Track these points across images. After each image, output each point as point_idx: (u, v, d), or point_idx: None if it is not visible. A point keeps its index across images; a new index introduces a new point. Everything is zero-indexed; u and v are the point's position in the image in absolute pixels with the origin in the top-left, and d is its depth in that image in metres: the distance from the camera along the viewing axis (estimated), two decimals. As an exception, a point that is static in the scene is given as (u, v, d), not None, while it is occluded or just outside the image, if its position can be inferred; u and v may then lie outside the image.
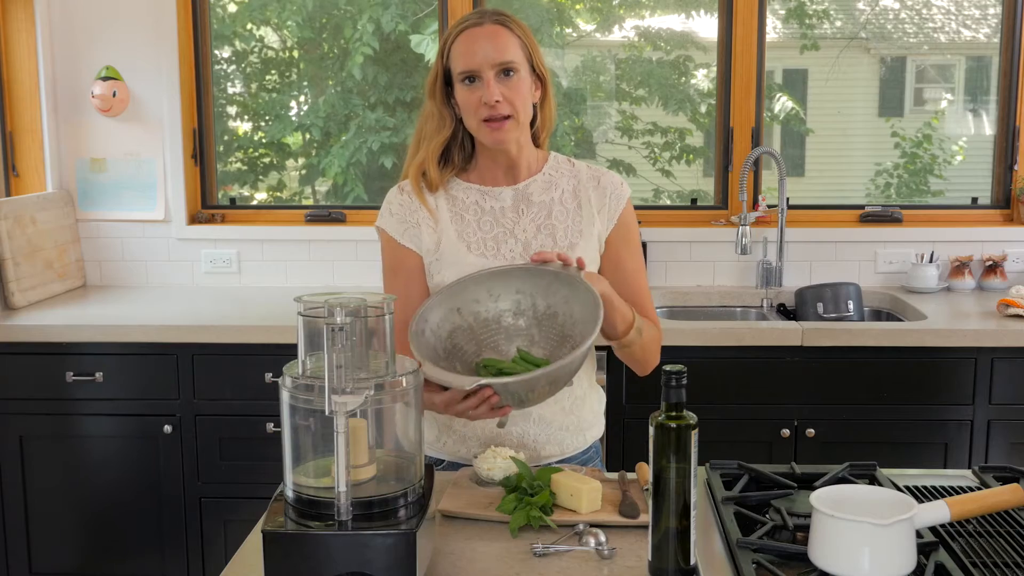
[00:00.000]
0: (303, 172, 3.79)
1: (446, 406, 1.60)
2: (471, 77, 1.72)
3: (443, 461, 1.84)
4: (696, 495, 1.29)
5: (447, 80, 1.77)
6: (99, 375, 2.84)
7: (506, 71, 1.71)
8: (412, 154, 1.84)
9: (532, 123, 1.82)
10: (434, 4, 3.50)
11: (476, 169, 1.84)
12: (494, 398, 1.54)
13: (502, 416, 1.59)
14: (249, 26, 3.65)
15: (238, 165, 3.73)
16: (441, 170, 1.81)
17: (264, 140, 3.71)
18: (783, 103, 3.62)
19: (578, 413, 1.85)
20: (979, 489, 1.56)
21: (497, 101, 1.70)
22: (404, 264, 1.81)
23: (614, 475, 1.67)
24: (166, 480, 2.89)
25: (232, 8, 3.65)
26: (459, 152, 1.83)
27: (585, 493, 1.49)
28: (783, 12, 3.56)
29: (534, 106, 1.80)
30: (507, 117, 1.72)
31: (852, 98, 3.62)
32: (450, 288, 1.71)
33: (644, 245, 3.32)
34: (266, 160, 3.75)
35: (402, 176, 1.86)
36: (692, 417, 1.28)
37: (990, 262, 3.28)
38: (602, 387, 2.10)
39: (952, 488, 1.58)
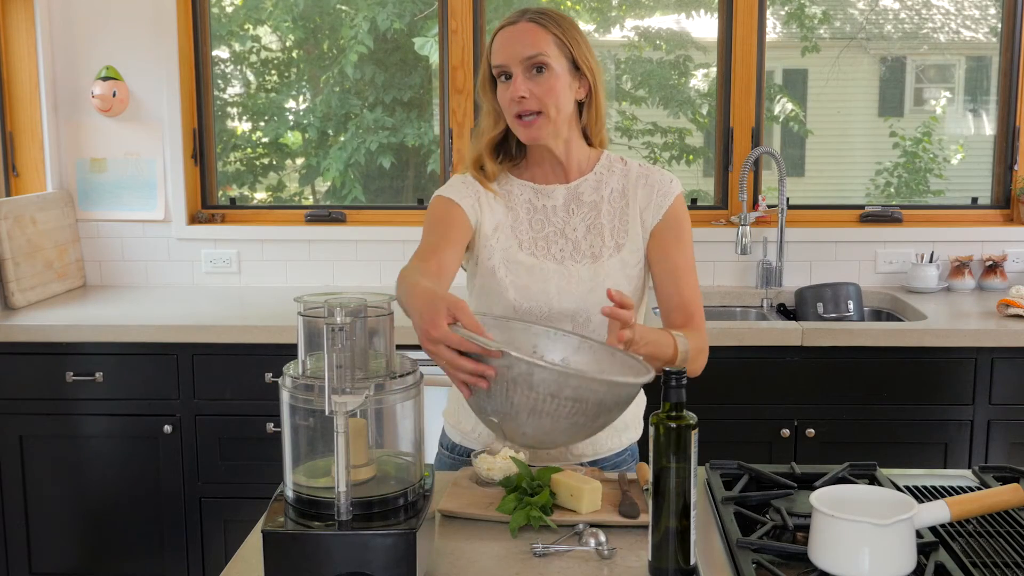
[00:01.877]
0: (302, 172, 3.79)
1: (426, 321, 1.37)
2: (504, 74, 1.73)
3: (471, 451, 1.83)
4: (696, 495, 1.29)
5: (492, 76, 1.78)
6: (99, 375, 2.84)
7: (537, 67, 1.71)
8: (470, 150, 1.87)
9: (581, 119, 1.82)
10: (434, 4, 3.50)
11: (528, 166, 1.85)
12: (489, 372, 1.32)
13: (480, 386, 1.34)
14: (247, 26, 3.65)
15: (237, 165, 3.74)
16: (498, 163, 1.83)
17: (263, 140, 3.71)
18: (783, 105, 3.62)
19: None
20: (979, 489, 1.56)
21: (523, 97, 1.70)
22: (451, 213, 1.76)
23: (614, 475, 1.67)
24: (166, 480, 2.89)
25: (230, 9, 3.65)
26: (516, 147, 1.84)
27: (585, 493, 1.49)
28: (783, 13, 3.56)
29: (580, 104, 1.78)
30: (538, 113, 1.72)
31: (852, 98, 3.62)
32: (496, 321, 1.62)
33: (644, 245, 3.32)
34: (265, 160, 3.75)
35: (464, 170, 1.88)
36: (692, 417, 1.28)
37: (990, 262, 3.28)
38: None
39: (952, 488, 1.58)
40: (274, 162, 3.76)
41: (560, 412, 1.20)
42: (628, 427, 1.89)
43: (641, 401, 1.94)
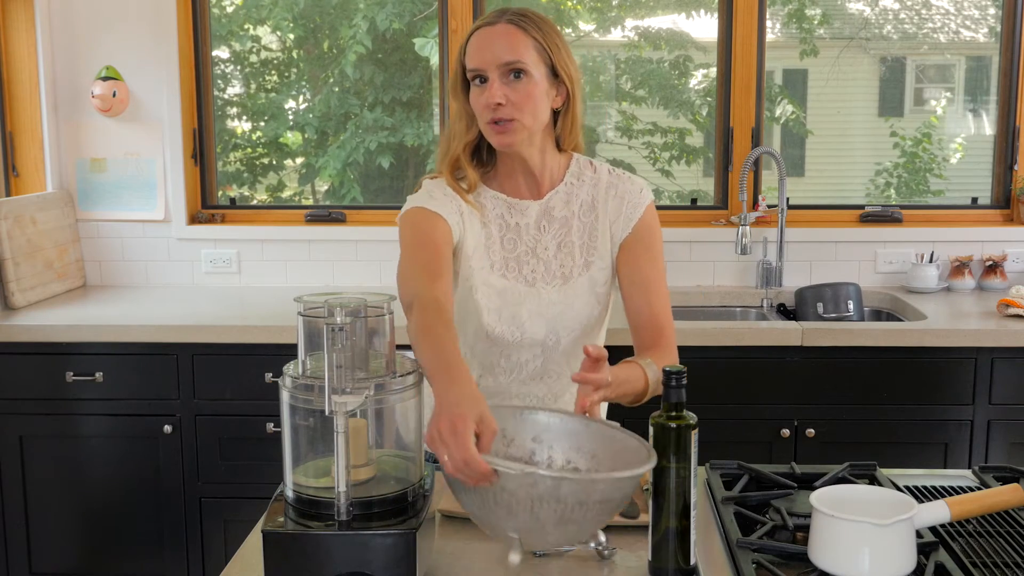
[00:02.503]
0: (302, 172, 3.79)
1: (455, 434, 1.19)
2: (479, 77, 1.67)
3: None
4: (696, 495, 1.29)
5: (466, 79, 1.72)
6: (99, 375, 2.84)
7: (514, 72, 1.65)
8: (443, 153, 1.77)
9: (556, 127, 1.76)
10: (434, 4, 3.50)
11: (498, 176, 1.78)
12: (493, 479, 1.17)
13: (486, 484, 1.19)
14: (247, 26, 3.65)
15: (237, 165, 3.74)
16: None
17: (262, 140, 3.71)
18: (784, 106, 3.62)
19: None
20: (979, 489, 1.56)
21: (499, 103, 1.64)
22: (439, 232, 1.66)
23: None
24: (166, 480, 2.89)
25: (230, 9, 3.65)
26: (488, 153, 1.78)
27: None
28: (783, 14, 3.56)
29: (556, 111, 1.73)
30: (512, 120, 1.66)
31: (852, 98, 3.62)
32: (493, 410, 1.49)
33: (644, 245, 3.32)
34: (265, 160, 3.75)
35: (436, 174, 1.79)
36: (692, 417, 1.28)
37: (990, 262, 3.27)
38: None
39: (952, 488, 1.58)
40: (274, 162, 3.76)
41: (588, 516, 1.17)
42: None
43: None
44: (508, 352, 1.76)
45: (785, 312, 3.28)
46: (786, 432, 2.78)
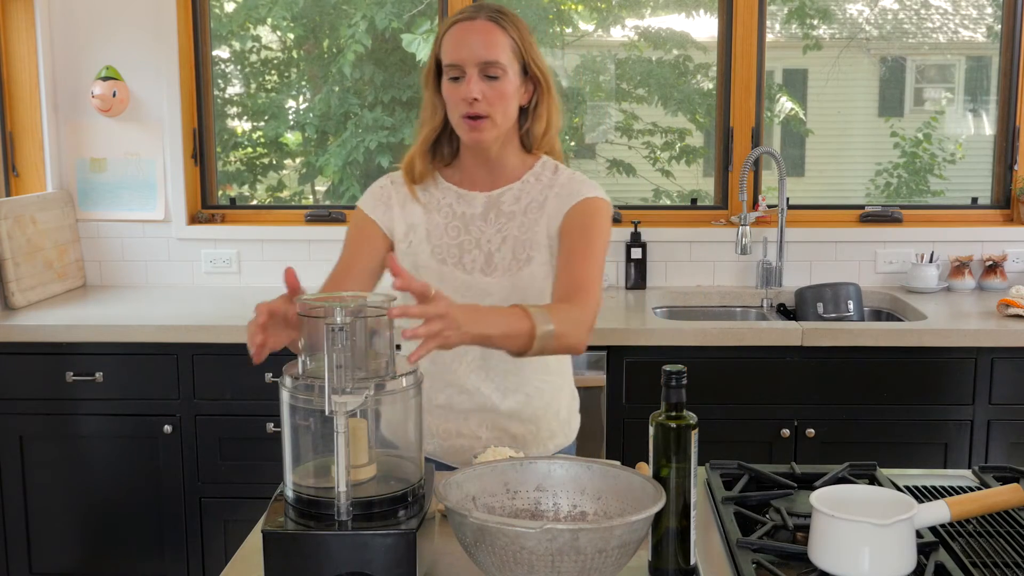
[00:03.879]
0: (302, 172, 3.79)
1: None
2: (456, 72, 1.70)
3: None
4: (696, 495, 1.29)
5: (439, 71, 1.75)
6: (99, 375, 2.84)
7: (491, 71, 1.69)
8: (413, 141, 1.85)
9: (522, 126, 1.79)
10: (432, 1, 3.50)
11: (459, 168, 1.83)
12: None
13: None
14: (247, 26, 3.65)
15: (237, 165, 3.74)
16: (431, 162, 1.81)
17: (262, 139, 3.71)
18: (783, 104, 3.62)
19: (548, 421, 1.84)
20: (979, 489, 1.56)
21: (476, 99, 1.68)
22: (363, 232, 1.82)
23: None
24: (166, 480, 2.89)
25: (229, 8, 3.65)
26: (448, 145, 1.82)
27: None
28: (783, 13, 3.56)
29: (523, 109, 1.77)
30: (486, 117, 1.70)
31: (852, 98, 3.62)
32: (495, 465, 1.38)
33: (644, 245, 3.32)
34: (265, 160, 3.75)
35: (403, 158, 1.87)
36: (692, 417, 1.28)
37: (990, 262, 3.27)
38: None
39: (952, 488, 1.58)
40: (274, 161, 3.76)
41: (608, 562, 1.17)
42: (555, 434, 1.88)
43: (571, 405, 1.92)
44: None
45: (785, 312, 3.28)
46: (786, 432, 2.78)
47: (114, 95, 3.32)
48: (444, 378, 1.80)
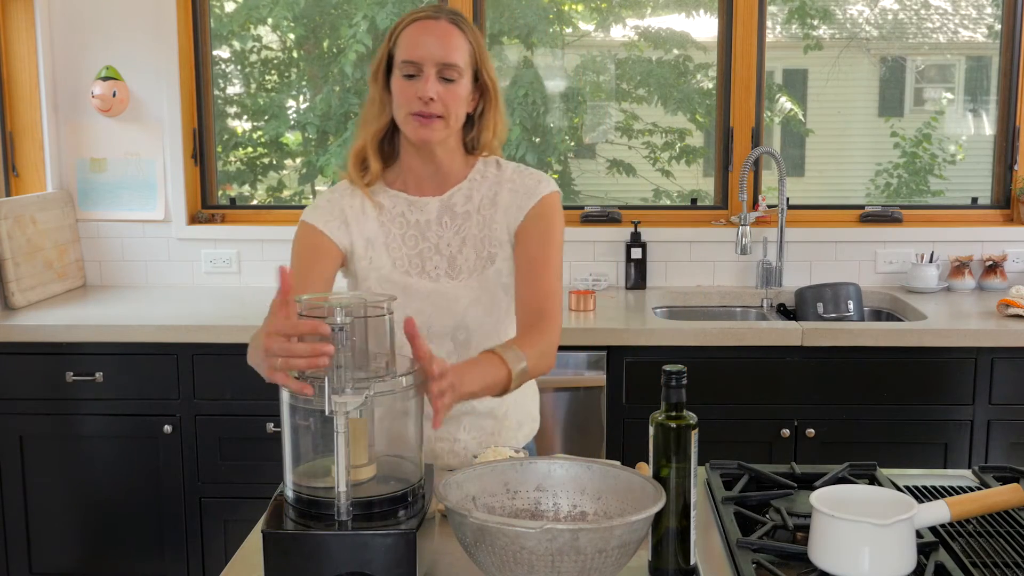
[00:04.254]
0: (302, 172, 3.79)
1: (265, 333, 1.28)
2: (412, 69, 1.68)
3: None
4: (696, 495, 1.29)
5: (389, 66, 1.73)
6: (99, 375, 2.84)
7: (448, 74, 1.67)
8: (355, 143, 1.80)
9: (466, 134, 1.78)
10: (432, 1, 3.50)
11: (401, 173, 1.79)
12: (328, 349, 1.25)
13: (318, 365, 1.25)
14: (248, 25, 3.65)
15: (238, 165, 3.74)
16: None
17: (262, 139, 3.71)
18: (782, 103, 3.62)
19: (511, 417, 1.84)
20: (979, 489, 1.56)
21: (431, 99, 1.66)
22: (315, 247, 1.74)
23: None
24: (166, 480, 2.89)
25: (229, 8, 3.65)
26: (390, 148, 1.78)
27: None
28: (783, 13, 3.56)
29: (469, 115, 1.75)
30: (440, 117, 1.68)
31: (852, 98, 3.62)
32: (484, 467, 1.39)
33: (644, 245, 3.32)
34: (265, 160, 3.75)
35: (346, 160, 1.82)
36: (692, 417, 1.28)
37: (990, 262, 3.27)
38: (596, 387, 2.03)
39: (952, 488, 1.58)
40: (274, 161, 3.76)
41: (608, 562, 1.17)
42: (522, 425, 1.89)
43: (534, 397, 1.92)
44: None
45: (785, 312, 3.28)
46: (786, 432, 2.78)
47: (114, 95, 3.32)
48: None
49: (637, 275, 3.33)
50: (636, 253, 3.32)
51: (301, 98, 3.75)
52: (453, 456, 1.81)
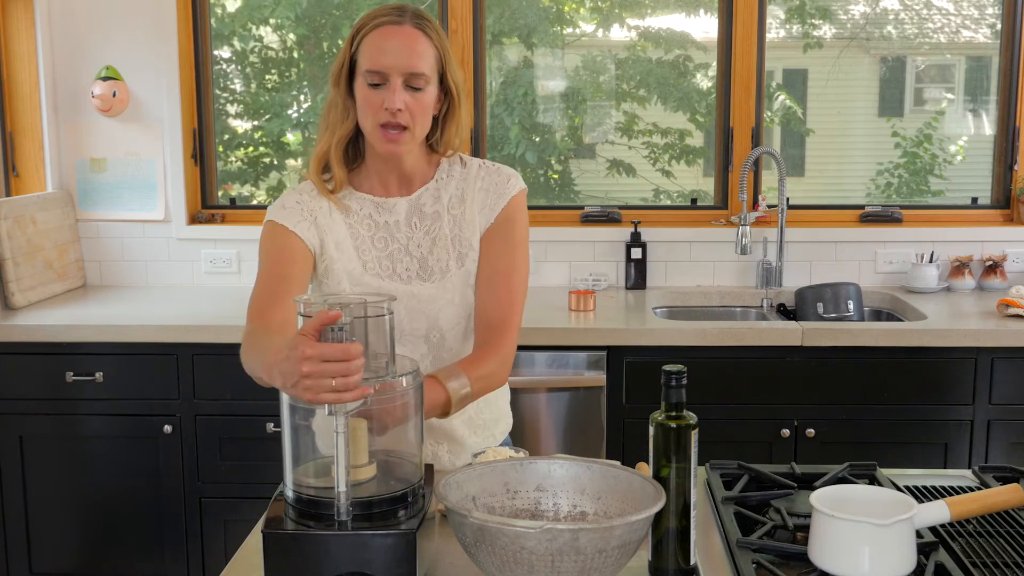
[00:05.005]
0: (302, 172, 3.79)
1: (294, 356, 1.23)
2: (377, 79, 1.63)
3: None
4: (696, 495, 1.29)
5: (352, 70, 1.68)
6: (99, 375, 2.84)
7: (414, 83, 1.63)
8: (317, 149, 1.74)
9: (431, 135, 1.75)
10: (432, 2, 3.50)
11: (367, 175, 1.76)
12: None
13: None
14: (249, 25, 3.65)
15: (239, 164, 3.74)
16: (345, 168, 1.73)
17: (263, 139, 3.71)
18: (780, 101, 3.62)
19: (485, 416, 1.84)
20: (979, 489, 1.56)
21: (399, 109, 1.62)
22: (287, 247, 1.68)
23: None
24: (166, 480, 2.89)
25: (231, 8, 3.65)
26: (351, 150, 1.74)
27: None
28: (783, 13, 3.56)
29: (434, 118, 1.72)
30: (405, 129, 1.64)
31: (852, 98, 3.62)
32: (485, 467, 1.38)
33: (644, 245, 3.32)
34: (266, 160, 3.75)
35: (307, 165, 1.78)
36: (692, 417, 1.28)
37: (990, 262, 3.27)
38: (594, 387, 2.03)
39: (952, 488, 1.58)
40: (275, 161, 3.76)
41: (608, 562, 1.17)
42: (499, 420, 1.88)
43: (505, 394, 1.91)
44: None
45: (785, 312, 3.28)
46: (786, 432, 2.78)
47: (114, 95, 3.32)
48: None
49: (637, 275, 3.33)
50: (636, 253, 3.32)
51: (302, 97, 3.75)
52: (436, 460, 1.80)
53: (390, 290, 1.70)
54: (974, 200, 3.48)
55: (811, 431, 2.77)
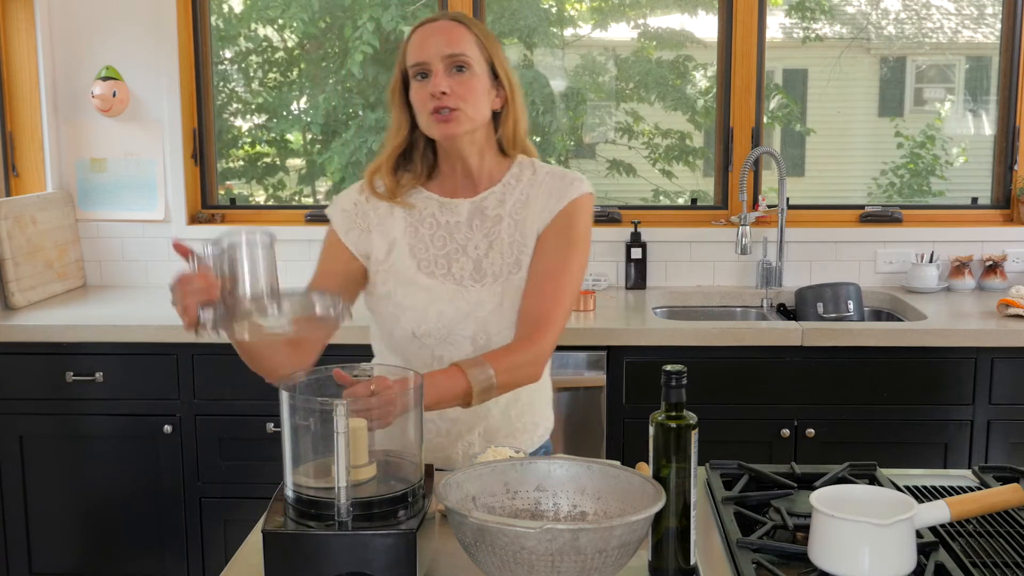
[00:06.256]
0: (303, 172, 3.79)
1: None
2: (422, 71, 1.68)
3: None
4: (696, 495, 1.29)
5: (406, 82, 1.72)
6: (99, 375, 2.84)
7: (458, 66, 1.66)
8: (375, 158, 1.81)
9: (497, 130, 1.76)
10: (431, 2, 3.50)
11: (438, 176, 1.79)
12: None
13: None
14: (254, 26, 3.66)
15: (240, 163, 3.74)
16: (399, 177, 1.77)
17: (266, 137, 3.71)
18: (778, 100, 3.62)
19: (525, 418, 1.83)
20: (979, 489, 1.56)
21: (444, 92, 1.65)
22: (335, 256, 1.79)
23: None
24: (166, 480, 2.89)
25: (238, 8, 3.65)
26: (422, 161, 1.77)
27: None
28: (783, 10, 3.56)
29: (496, 114, 1.74)
30: (456, 110, 1.66)
31: (852, 98, 3.62)
32: (485, 467, 1.38)
33: (644, 245, 3.32)
34: (267, 160, 3.75)
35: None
36: (692, 417, 1.28)
37: (990, 262, 3.27)
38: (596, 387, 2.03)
39: (952, 488, 1.58)
40: (277, 161, 3.76)
41: (608, 562, 1.17)
42: (538, 425, 1.87)
43: (547, 397, 1.90)
44: (439, 351, 1.73)
45: (785, 312, 3.28)
46: (786, 432, 2.78)
47: (114, 95, 3.32)
48: None
49: (637, 275, 3.33)
50: (636, 253, 3.32)
51: (304, 98, 3.75)
52: (468, 461, 1.80)
53: (441, 290, 1.72)
54: (974, 200, 3.48)
55: (811, 431, 2.77)
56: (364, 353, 1.83)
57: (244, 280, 1.32)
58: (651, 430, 1.28)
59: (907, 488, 1.56)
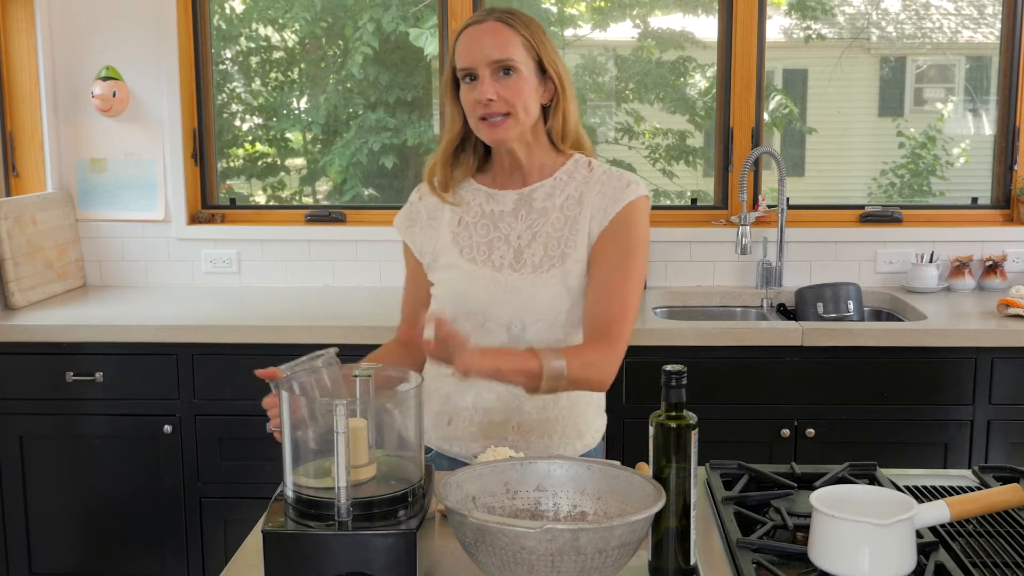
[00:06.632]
0: (303, 173, 3.79)
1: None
2: (470, 75, 1.71)
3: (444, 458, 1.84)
4: (696, 495, 1.29)
5: (456, 80, 1.76)
6: (99, 375, 2.84)
7: (505, 69, 1.69)
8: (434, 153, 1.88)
9: (546, 123, 1.78)
10: (432, 2, 3.50)
11: (490, 168, 1.83)
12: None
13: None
14: (255, 26, 3.66)
15: (241, 163, 3.74)
16: (454, 170, 1.82)
17: (267, 137, 3.71)
18: (777, 100, 3.62)
19: (570, 420, 1.83)
20: (979, 489, 1.56)
21: (491, 99, 1.68)
22: (408, 260, 1.90)
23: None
24: (166, 480, 2.89)
25: (240, 8, 3.65)
26: (473, 153, 1.82)
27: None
28: (784, 9, 3.56)
29: (545, 108, 1.76)
30: (506, 115, 1.69)
31: (852, 98, 3.62)
32: (487, 467, 1.38)
33: (644, 245, 3.31)
34: (268, 160, 3.75)
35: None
36: (692, 417, 1.28)
37: (990, 262, 3.27)
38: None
39: (952, 488, 1.58)
40: (277, 161, 3.76)
41: (608, 562, 1.17)
42: (583, 434, 1.87)
43: (598, 404, 1.91)
44: (475, 336, 1.73)
45: (785, 312, 3.28)
46: (786, 432, 2.78)
47: (114, 95, 3.32)
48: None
49: (637, 275, 3.33)
50: (636, 253, 3.31)
51: (305, 98, 3.75)
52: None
53: (480, 275, 1.76)
54: (974, 200, 3.48)
55: (811, 431, 2.77)
56: (362, 353, 1.83)
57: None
58: (651, 430, 1.29)
59: (907, 488, 1.56)
